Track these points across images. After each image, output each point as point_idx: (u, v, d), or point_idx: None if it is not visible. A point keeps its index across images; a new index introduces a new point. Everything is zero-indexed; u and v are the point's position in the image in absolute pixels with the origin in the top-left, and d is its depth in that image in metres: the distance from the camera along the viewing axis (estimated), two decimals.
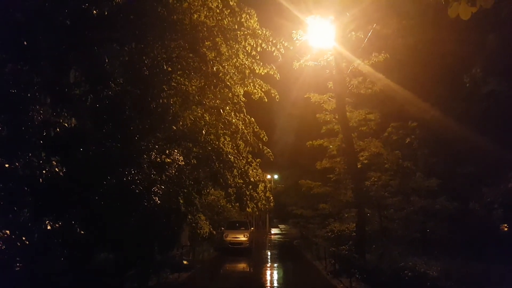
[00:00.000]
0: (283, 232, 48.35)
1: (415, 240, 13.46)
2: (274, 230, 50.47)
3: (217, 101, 9.82)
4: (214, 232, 15.68)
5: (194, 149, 10.56)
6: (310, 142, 15.77)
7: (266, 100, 11.46)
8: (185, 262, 15.19)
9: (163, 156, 7.87)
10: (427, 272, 8.31)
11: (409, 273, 8.41)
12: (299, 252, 23.77)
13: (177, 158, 8.37)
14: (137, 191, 6.91)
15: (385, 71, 14.91)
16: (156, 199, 7.48)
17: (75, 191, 6.35)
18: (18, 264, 4.70)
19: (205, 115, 10.68)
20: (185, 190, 11.16)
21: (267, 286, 13.39)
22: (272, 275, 15.64)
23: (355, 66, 13.78)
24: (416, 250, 13.08)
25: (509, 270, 9.85)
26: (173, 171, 8.26)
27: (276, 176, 47.27)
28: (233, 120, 10.15)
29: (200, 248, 18.48)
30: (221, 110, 9.68)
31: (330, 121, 15.04)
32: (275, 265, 18.53)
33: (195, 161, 10.87)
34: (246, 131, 10.28)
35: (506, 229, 15.84)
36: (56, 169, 5.09)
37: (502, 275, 9.67)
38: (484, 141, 14.16)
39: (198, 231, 14.28)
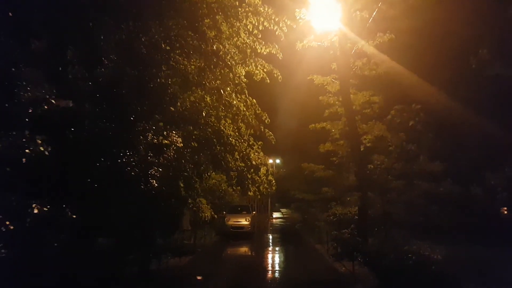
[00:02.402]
0: (284, 216, 48.49)
1: (417, 224, 13.34)
2: (275, 214, 50.61)
3: (218, 81, 9.51)
4: (216, 216, 15.56)
5: (195, 131, 10.33)
6: (313, 125, 15.48)
7: (268, 81, 11.15)
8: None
9: (161, 138, 7.62)
10: (431, 256, 8.15)
11: (413, 257, 8.25)
12: (301, 236, 23.78)
13: (176, 140, 8.13)
14: (132, 173, 6.70)
15: (390, 53, 14.53)
16: (153, 182, 7.28)
17: (65, 173, 6.12)
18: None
19: (205, 96, 10.39)
20: (186, 174, 10.97)
21: (269, 270, 13.33)
22: (274, 258, 15.60)
23: (360, 47, 13.39)
24: (419, 234, 12.96)
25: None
26: (172, 154, 8.04)
27: (278, 161, 47.15)
28: (234, 102, 9.87)
29: (201, 232, 18.43)
30: (221, 91, 9.39)
31: (333, 103, 14.71)
32: (277, 248, 18.50)
33: (195, 144, 10.65)
34: (247, 113, 10.02)
35: (506, 212, 15.70)
36: (41, 148, 4.84)
37: (505, 259, 9.56)
38: (489, 125, 13.91)
39: (200, 215, 14.14)
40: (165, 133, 8.03)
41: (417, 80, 14.62)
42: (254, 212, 26.17)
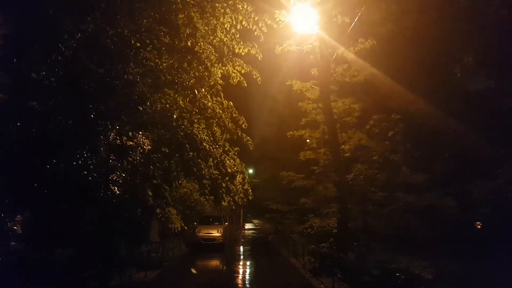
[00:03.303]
0: (257, 227, 47.65)
1: (395, 238, 12.86)
2: (248, 225, 49.71)
3: (192, 81, 8.68)
4: (186, 227, 14.57)
5: (166, 135, 9.44)
6: (291, 132, 14.85)
7: (245, 84, 10.43)
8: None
9: (125, 139, 6.69)
10: (421, 275, 7.57)
11: (402, 276, 7.63)
12: (275, 249, 22.97)
13: (143, 142, 7.22)
14: (90, 178, 5.76)
15: (370, 59, 14.18)
16: (114, 189, 6.34)
17: (11, 175, 5.16)
18: None
19: (178, 98, 9.52)
20: (154, 181, 10.03)
21: (242, 287, 12.45)
22: (247, 273, 14.71)
23: (341, 52, 12.93)
24: (399, 248, 12.49)
25: (499, 270, 9.33)
26: (138, 158, 7.13)
27: (251, 171, 46.34)
28: (209, 104, 9.06)
29: (170, 244, 17.31)
30: (195, 91, 8.56)
31: (312, 111, 14.16)
32: (251, 262, 17.61)
33: (166, 149, 9.74)
34: (223, 115, 9.22)
35: (479, 226, 15.53)
36: None
37: (493, 276, 9.14)
38: (470, 137, 13.71)
39: (170, 226, 13.13)
40: (130, 133, 7.10)
41: (397, 88, 14.29)
42: (226, 223, 25.22)
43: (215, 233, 20.98)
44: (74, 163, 5.67)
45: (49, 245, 9.63)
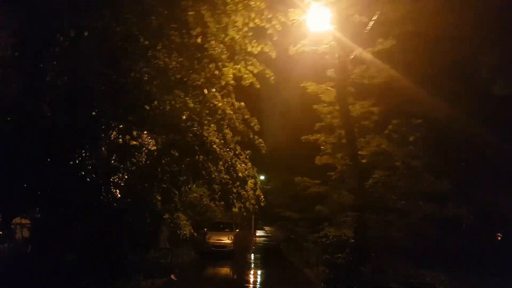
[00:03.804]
0: (268, 234, 46.96)
1: (415, 249, 12.15)
2: (259, 232, 49.05)
3: (202, 80, 8.22)
4: (195, 233, 14.07)
5: (175, 137, 9.01)
6: (305, 136, 14.26)
7: (258, 86, 9.92)
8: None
9: (127, 137, 6.23)
10: None
11: None
12: (287, 257, 22.33)
13: (148, 141, 6.77)
14: (88, 179, 5.31)
15: (390, 61, 13.54)
16: (116, 191, 5.88)
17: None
18: None
19: (188, 101, 9.07)
20: (163, 185, 9.59)
21: None
22: (259, 283, 14.13)
23: (358, 53, 12.34)
24: (417, 260, 11.78)
25: None
26: (143, 159, 6.66)
27: (262, 177, 45.71)
28: (220, 104, 8.59)
29: (180, 250, 16.83)
30: (205, 91, 8.09)
31: (327, 114, 13.56)
32: (262, 271, 17.03)
33: (176, 153, 9.28)
34: (234, 117, 8.72)
35: (499, 238, 14.70)
36: None
37: None
38: (495, 144, 12.97)
39: (178, 232, 12.66)
40: (134, 133, 6.65)
41: (418, 91, 13.61)
42: (237, 230, 24.65)
43: (226, 240, 20.46)
44: (71, 162, 5.24)
45: (55, 250, 9.29)
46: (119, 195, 5.92)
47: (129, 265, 11.25)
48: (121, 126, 6.36)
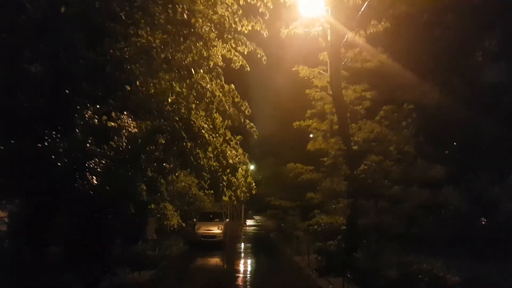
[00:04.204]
0: (258, 224, 46.80)
1: (407, 236, 11.96)
2: (249, 222, 48.88)
3: (188, 59, 7.71)
4: (184, 224, 13.64)
5: (161, 123, 8.51)
6: (297, 123, 13.87)
7: (248, 69, 9.45)
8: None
9: (104, 118, 5.70)
10: (447, 277, 6.64)
11: (425, 278, 6.70)
12: (278, 246, 22.09)
13: (128, 123, 6.27)
14: (59, 164, 4.82)
15: (382, 45, 13.22)
16: (93, 179, 5.40)
17: None
18: None
19: (174, 85, 8.55)
20: (149, 174, 9.12)
21: None
22: (250, 273, 13.81)
23: (351, 36, 11.94)
24: (410, 247, 11.60)
25: None
26: (123, 144, 6.17)
27: (252, 167, 45.37)
28: (208, 86, 8.10)
29: (168, 242, 16.40)
30: (192, 71, 7.60)
31: (319, 100, 13.19)
32: (253, 261, 16.74)
33: (162, 140, 8.79)
34: (224, 99, 8.26)
35: (484, 223, 14.61)
36: None
37: None
38: (493, 130, 12.80)
39: (165, 223, 12.21)
40: (113, 114, 6.14)
41: (410, 77, 13.34)
42: (227, 220, 24.31)
43: (216, 230, 20.05)
44: (39, 145, 4.74)
45: (34, 243, 8.80)
46: (95, 182, 5.39)
47: (115, 257, 10.80)
48: (98, 106, 5.82)
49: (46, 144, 4.83)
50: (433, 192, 10.56)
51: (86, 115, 5.50)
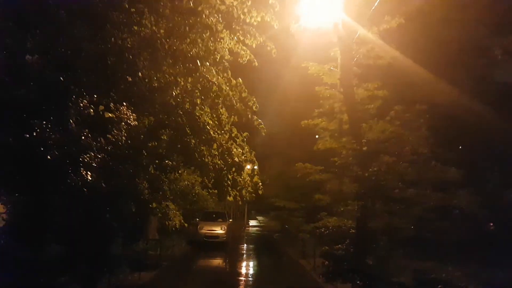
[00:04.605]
0: (261, 224, 46.36)
1: (419, 240, 11.49)
2: (252, 222, 48.47)
3: (194, 50, 7.28)
4: (186, 224, 13.23)
5: (163, 117, 8.10)
6: (305, 121, 13.39)
7: (256, 64, 9.01)
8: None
9: (101, 108, 5.25)
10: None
11: None
12: (282, 248, 21.63)
13: (127, 115, 5.83)
14: (49, 157, 4.41)
15: (394, 43, 12.73)
16: (87, 174, 4.97)
17: None
18: None
19: (179, 79, 8.13)
20: (151, 171, 8.70)
21: None
22: (254, 276, 13.36)
23: (363, 32, 11.47)
24: (422, 252, 11.12)
25: None
26: (122, 138, 5.74)
27: (255, 167, 44.87)
28: (214, 79, 7.67)
29: (170, 241, 16.00)
30: (198, 63, 7.17)
31: (329, 98, 12.73)
32: (257, 263, 16.29)
33: (165, 136, 8.38)
34: (231, 93, 7.82)
35: (492, 228, 14.13)
36: None
37: None
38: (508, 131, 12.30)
39: (167, 223, 11.80)
40: (111, 105, 5.72)
41: (423, 75, 12.84)
42: (230, 220, 23.86)
43: (219, 230, 19.64)
44: (27, 135, 4.32)
45: (30, 240, 8.43)
46: (90, 178, 4.97)
47: (115, 257, 10.41)
48: (96, 96, 5.39)
49: (35, 134, 4.41)
50: (447, 195, 10.09)
51: (81, 104, 5.07)
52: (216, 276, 12.95)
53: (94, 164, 5.08)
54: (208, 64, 7.76)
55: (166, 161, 8.32)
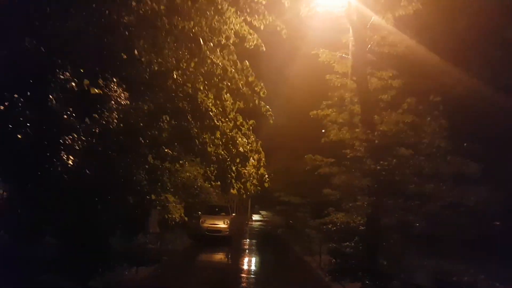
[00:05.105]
0: (264, 219, 45.93)
1: (433, 238, 10.88)
2: (255, 217, 48.08)
3: (197, 27, 6.65)
4: (186, 218, 12.67)
5: (162, 102, 7.51)
6: (314, 112, 12.71)
7: (263, 48, 8.35)
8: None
9: (86, 82, 4.59)
10: None
11: None
12: (286, 244, 21.11)
13: (118, 93, 5.21)
14: (19, 136, 3.79)
15: (410, 31, 12.04)
16: (68, 159, 4.37)
17: None
18: None
19: (182, 64, 7.51)
20: (150, 161, 8.14)
21: None
22: (257, 273, 12.81)
23: (378, 18, 10.77)
24: (435, 250, 10.53)
25: None
26: (113, 119, 5.13)
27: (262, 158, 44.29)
28: (219, 60, 7.04)
29: (171, 235, 15.47)
30: (200, 41, 6.54)
31: (340, 87, 12.06)
32: (261, 259, 15.75)
33: (167, 117, 7.69)
34: (237, 76, 7.19)
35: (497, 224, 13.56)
36: None
37: None
38: None
39: (166, 216, 11.25)
40: (100, 81, 5.08)
41: (440, 65, 12.16)
42: (233, 214, 23.34)
43: (221, 225, 19.11)
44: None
45: (28, 234, 7.94)
46: (71, 163, 4.36)
47: (112, 251, 9.89)
48: (82, 70, 4.75)
49: (2, 108, 3.81)
50: (465, 191, 9.46)
51: (62, 76, 4.43)
52: (218, 273, 12.40)
53: (76, 147, 4.47)
54: (212, 45, 7.12)
55: (166, 150, 7.73)
